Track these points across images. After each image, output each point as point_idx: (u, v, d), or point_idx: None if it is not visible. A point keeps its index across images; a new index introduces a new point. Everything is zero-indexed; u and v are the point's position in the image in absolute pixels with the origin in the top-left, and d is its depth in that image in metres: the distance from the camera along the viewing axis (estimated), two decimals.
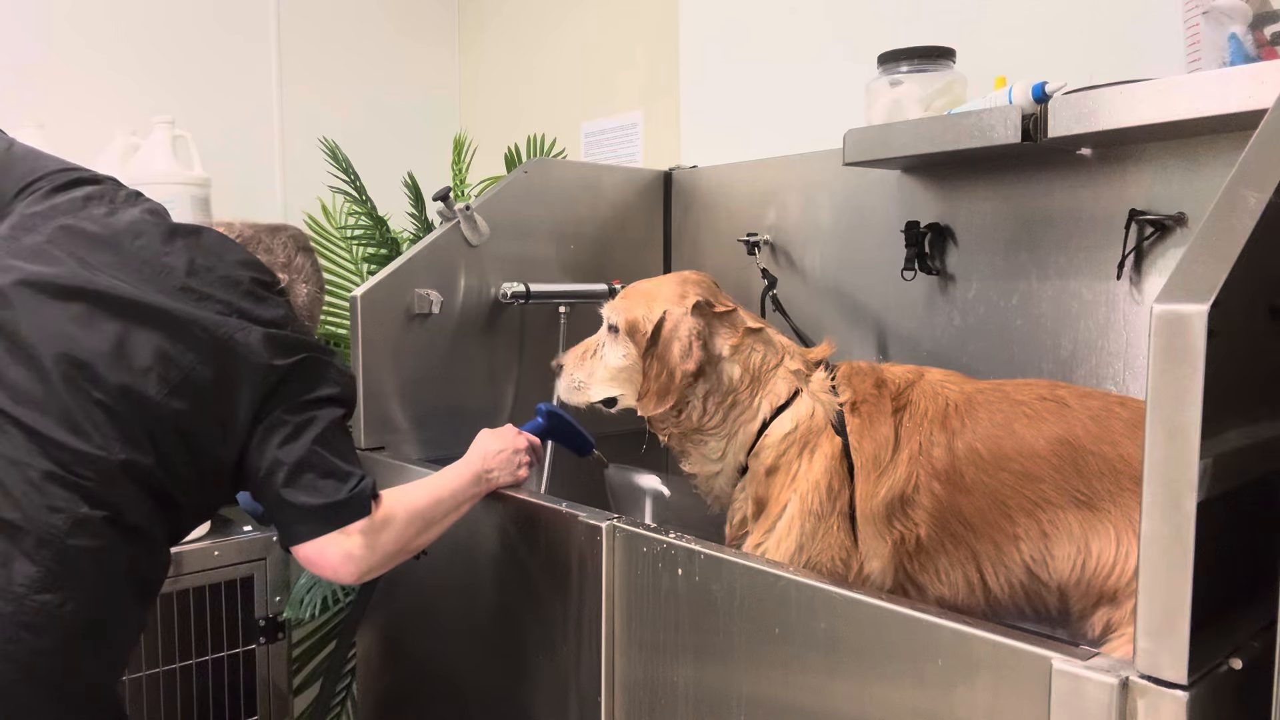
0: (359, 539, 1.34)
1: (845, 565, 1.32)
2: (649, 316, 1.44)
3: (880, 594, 1.10)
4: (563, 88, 3.08)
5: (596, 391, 1.51)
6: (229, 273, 1.38)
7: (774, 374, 1.42)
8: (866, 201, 2.06)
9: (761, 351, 1.44)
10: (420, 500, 1.46)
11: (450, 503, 1.50)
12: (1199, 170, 1.59)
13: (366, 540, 1.35)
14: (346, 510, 1.33)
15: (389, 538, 1.38)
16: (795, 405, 1.40)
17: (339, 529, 1.33)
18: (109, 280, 1.29)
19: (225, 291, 1.36)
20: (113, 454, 1.21)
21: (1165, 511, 0.83)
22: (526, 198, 2.20)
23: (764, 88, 2.45)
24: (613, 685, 1.38)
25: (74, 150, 2.55)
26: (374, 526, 1.36)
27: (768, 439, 1.39)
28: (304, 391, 1.35)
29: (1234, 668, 0.88)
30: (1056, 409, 1.27)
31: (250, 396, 1.31)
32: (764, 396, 1.41)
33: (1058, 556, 1.22)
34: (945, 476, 1.28)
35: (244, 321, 1.34)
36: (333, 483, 1.33)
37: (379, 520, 1.37)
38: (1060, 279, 1.78)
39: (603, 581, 1.37)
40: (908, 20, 2.09)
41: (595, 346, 1.53)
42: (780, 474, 1.38)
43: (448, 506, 1.49)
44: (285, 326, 1.39)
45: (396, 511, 1.40)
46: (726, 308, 1.46)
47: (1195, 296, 0.82)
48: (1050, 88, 1.54)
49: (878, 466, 1.32)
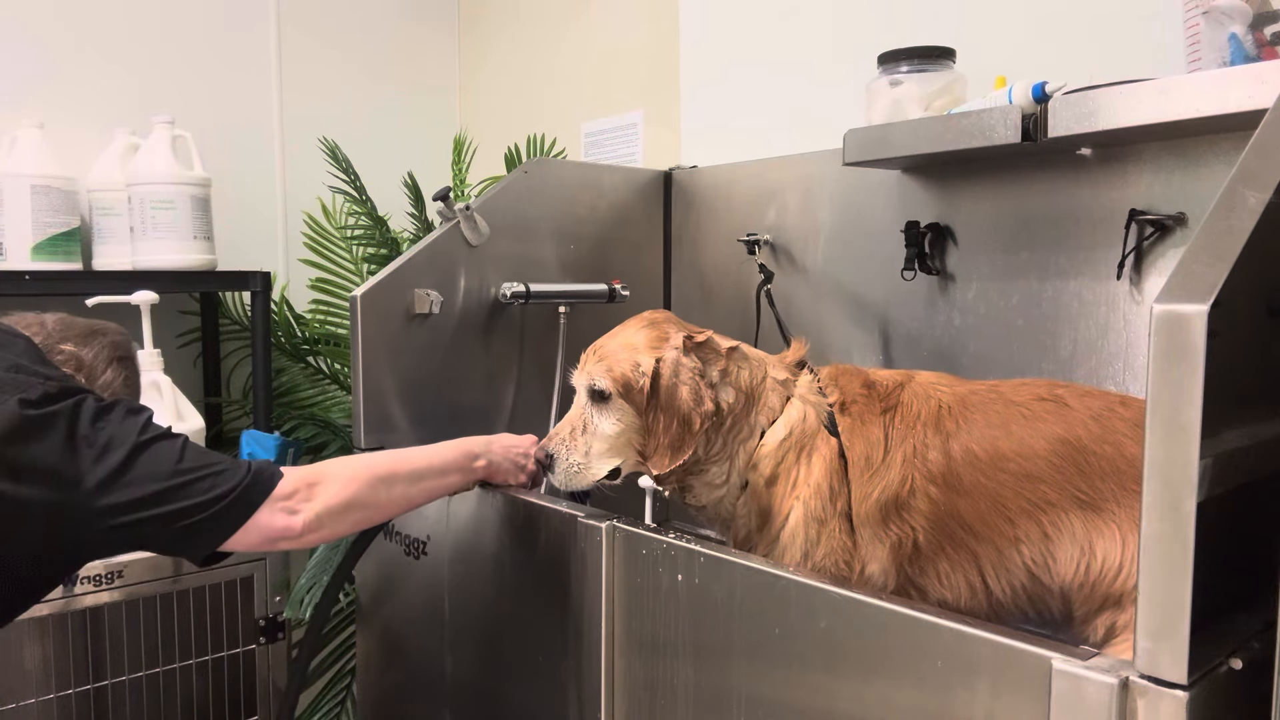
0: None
1: (849, 568, 1.32)
2: (641, 369, 1.35)
3: (880, 594, 1.09)
4: (563, 88, 3.08)
5: (599, 468, 1.39)
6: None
7: (763, 387, 1.40)
8: (866, 201, 2.06)
9: (747, 369, 1.40)
10: (381, 461, 1.43)
11: (426, 468, 1.46)
12: (1199, 170, 1.59)
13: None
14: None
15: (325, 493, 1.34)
16: (786, 412, 1.39)
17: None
18: None
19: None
20: None
21: (1165, 511, 0.83)
22: (526, 198, 2.20)
23: (764, 87, 2.45)
24: (613, 685, 1.38)
25: (74, 150, 2.58)
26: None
27: (763, 449, 1.38)
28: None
29: (1234, 668, 0.88)
30: (1056, 409, 1.26)
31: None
32: (759, 412, 1.39)
33: (1060, 559, 1.21)
34: (942, 479, 1.27)
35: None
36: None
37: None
38: (1060, 279, 1.78)
39: (603, 581, 1.37)
40: (908, 20, 2.09)
41: (581, 422, 1.41)
42: (780, 482, 1.36)
43: (422, 470, 1.45)
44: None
45: (329, 470, 1.37)
46: (704, 336, 1.41)
47: (1195, 296, 0.82)
48: (1050, 88, 1.54)
49: (870, 467, 1.31)
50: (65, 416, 1.21)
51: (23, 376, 1.23)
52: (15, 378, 1.23)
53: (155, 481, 1.21)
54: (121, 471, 1.20)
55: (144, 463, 1.22)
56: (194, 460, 1.25)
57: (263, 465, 1.31)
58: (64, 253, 2.44)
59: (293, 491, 1.30)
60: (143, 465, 1.22)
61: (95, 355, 1.45)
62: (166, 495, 1.21)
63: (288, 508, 1.30)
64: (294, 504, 1.30)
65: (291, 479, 1.32)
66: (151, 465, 1.22)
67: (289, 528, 1.29)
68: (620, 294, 2.22)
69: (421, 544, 1.74)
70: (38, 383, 1.23)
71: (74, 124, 2.64)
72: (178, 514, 1.22)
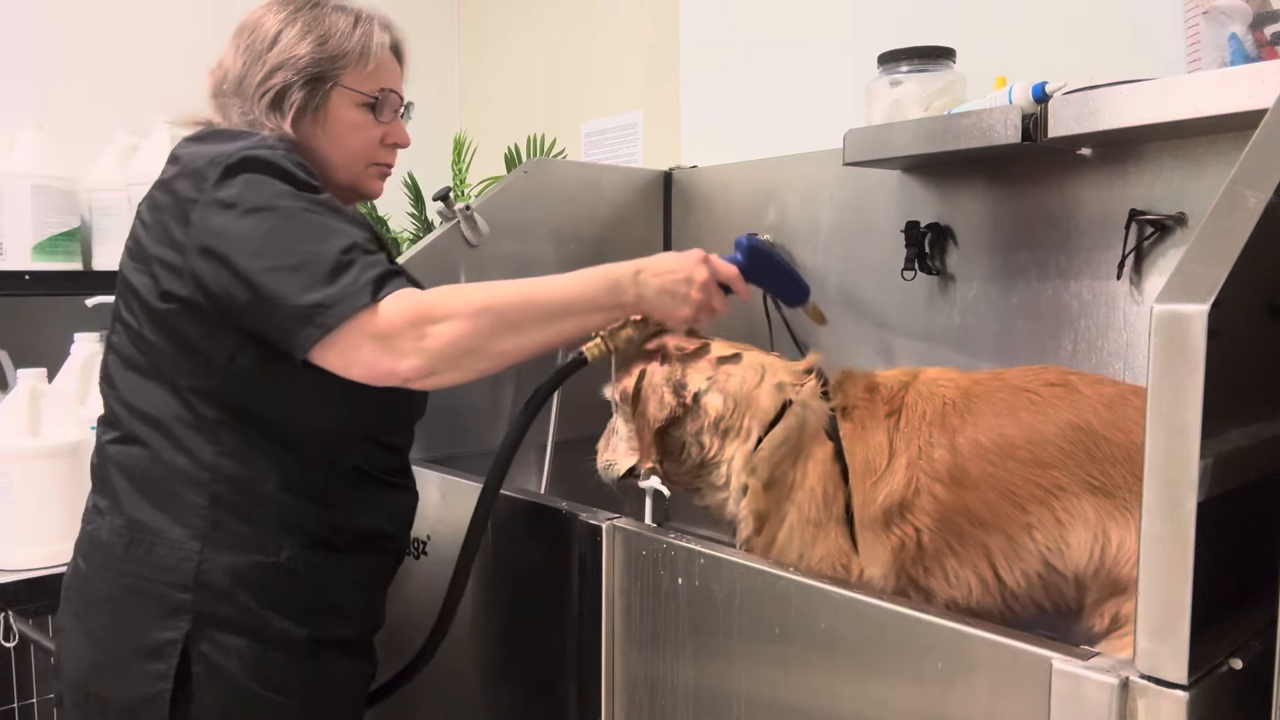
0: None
1: (846, 571, 1.32)
2: (632, 380, 1.45)
3: (880, 594, 1.10)
4: (563, 88, 3.08)
5: (621, 465, 1.49)
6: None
7: (757, 391, 1.41)
8: (866, 201, 2.06)
9: (739, 375, 1.43)
10: (508, 296, 1.25)
11: (562, 304, 1.28)
12: (1199, 170, 1.59)
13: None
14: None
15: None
16: (785, 418, 1.40)
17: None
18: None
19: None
20: None
21: (1165, 511, 0.83)
22: (526, 198, 2.20)
23: (764, 87, 2.45)
24: (613, 685, 1.38)
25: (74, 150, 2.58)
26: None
27: (760, 453, 1.39)
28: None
29: (1234, 668, 0.88)
30: (1066, 394, 1.25)
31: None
32: (750, 415, 1.41)
33: (1074, 544, 1.20)
34: (949, 477, 1.27)
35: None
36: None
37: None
38: (1060, 279, 1.78)
39: (603, 581, 1.37)
40: (908, 20, 2.09)
41: (613, 425, 1.54)
42: (776, 487, 1.37)
43: (557, 307, 1.27)
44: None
45: (446, 304, 1.21)
46: (696, 345, 1.44)
47: (1195, 296, 0.82)
48: (1050, 88, 1.54)
49: (873, 473, 1.31)
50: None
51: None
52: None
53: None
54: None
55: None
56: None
57: (356, 284, 1.17)
58: (64, 253, 2.44)
59: (396, 332, 1.17)
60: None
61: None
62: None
63: (391, 348, 1.17)
64: (399, 344, 1.17)
65: (398, 313, 1.17)
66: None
67: (392, 372, 1.18)
68: None
69: (422, 544, 1.74)
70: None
71: (74, 124, 2.64)
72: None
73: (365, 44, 1.42)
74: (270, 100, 1.37)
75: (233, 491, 1.28)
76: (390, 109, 1.47)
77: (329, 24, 1.41)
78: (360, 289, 1.17)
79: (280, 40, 1.39)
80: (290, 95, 1.37)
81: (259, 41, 1.41)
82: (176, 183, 1.28)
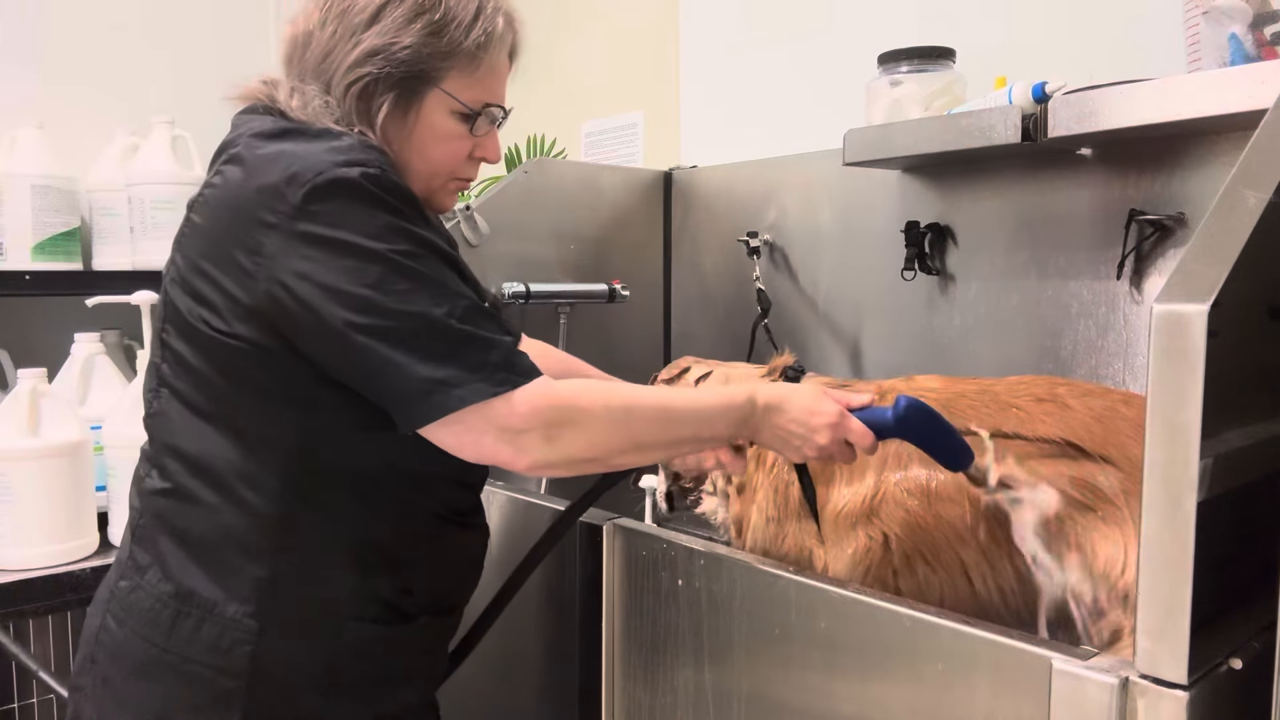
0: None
1: (811, 564, 1.32)
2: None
3: (881, 594, 1.09)
4: (563, 88, 3.08)
5: (660, 491, 1.67)
6: None
7: None
8: (866, 202, 2.06)
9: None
10: (645, 413, 1.12)
11: (692, 436, 1.15)
12: (1199, 170, 1.59)
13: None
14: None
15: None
16: None
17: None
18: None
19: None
20: None
21: (1165, 511, 0.83)
22: (526, 198, 2.20)
23: (764, 87, 2.45)
24: (613, 685, 1.38)
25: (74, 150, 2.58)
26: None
27: None
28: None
29: (1234, 668, 0.88)
30: (1056, 410, 1.24)
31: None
32: None
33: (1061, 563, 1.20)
34: (919, 489, 1.25)
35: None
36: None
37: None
38: (1060, 279, 1.78)
39: (603, 581, 1.37)
40: (908, 20, 2.09)
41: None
42: (746, 490, 1.42)
43: (685, 438, 1.15)
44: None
45: (587, 410, 1.08)
46: (677, 370, 1.60)
47: (1195, 296, 0.82)
48: (1050, 88, 1.54)
49: (837, 479, 1.31)
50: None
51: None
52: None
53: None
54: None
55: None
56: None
57: (484, 365, 1.03)
58: (64, 253, 2.44)
59: (527, 429, 1.04)
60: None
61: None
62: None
63: (516, 443, 1.04)
64: (526, 441, 1.04)
65: (533, 411, 1.03)
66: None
67: (510, 463, 1.06)
68: (620, 294, 2.22)
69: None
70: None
71: (74, 124, 2.63)
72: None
73: (483, 43, 1.18)
74: (359, 93, 1.14)
75: (297, 562, 1.12)
76: (489, 121, 1.23)
77: (447, 8, 1.15)
78: (489, 372, 1.03)
79: (383, 18, 1.13)
80: (380, 92, 1.14)
81: (355, 10, 1.14)
82: (243, 194, 1.07)
